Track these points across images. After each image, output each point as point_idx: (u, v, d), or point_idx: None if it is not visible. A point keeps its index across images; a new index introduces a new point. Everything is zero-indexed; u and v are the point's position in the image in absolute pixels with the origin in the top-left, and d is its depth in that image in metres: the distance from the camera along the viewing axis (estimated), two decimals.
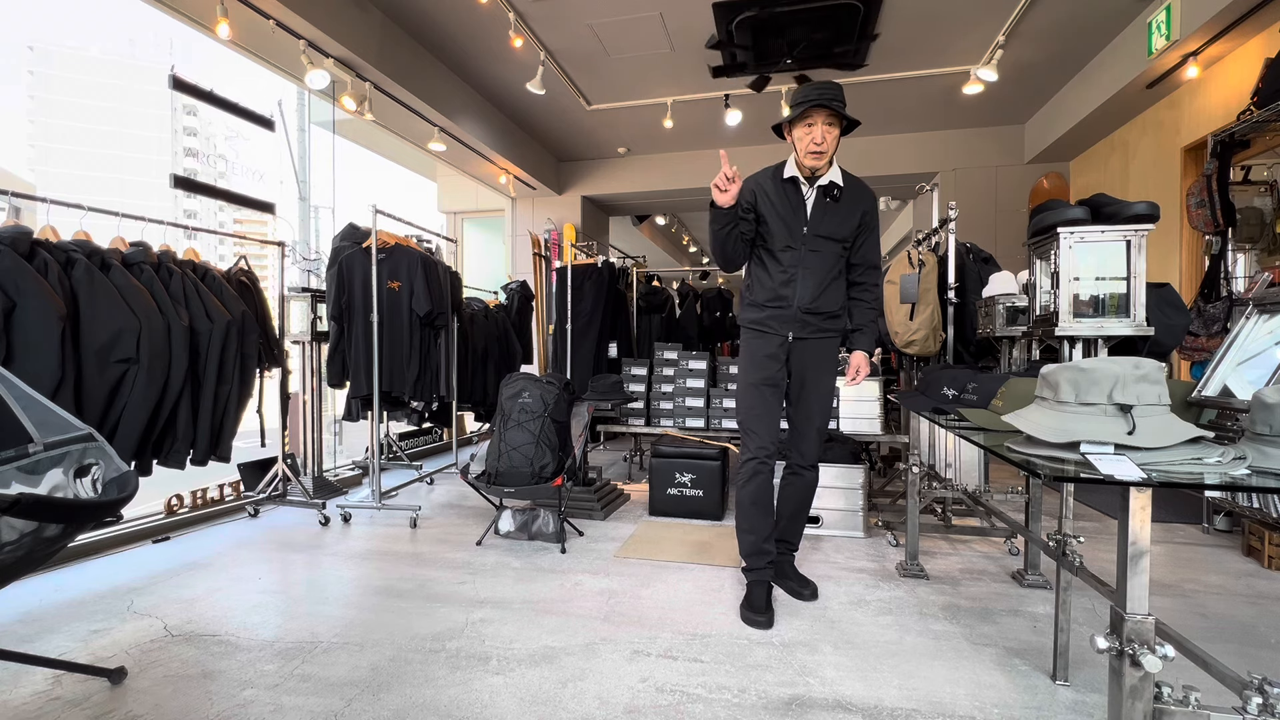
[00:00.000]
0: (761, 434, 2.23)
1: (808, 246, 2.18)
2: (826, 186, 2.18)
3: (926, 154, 6.18)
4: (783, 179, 2.22)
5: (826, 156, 2.14)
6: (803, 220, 2.18)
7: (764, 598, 2.17)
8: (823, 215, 2.18)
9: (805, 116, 2.11)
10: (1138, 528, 1.05)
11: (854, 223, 2.21)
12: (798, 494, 2.37)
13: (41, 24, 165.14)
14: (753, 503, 2.24)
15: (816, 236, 2.18)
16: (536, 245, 6.02)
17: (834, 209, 2.18)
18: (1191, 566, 2.65)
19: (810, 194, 2.20)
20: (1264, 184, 3.63)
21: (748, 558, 2.24)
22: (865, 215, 2.24)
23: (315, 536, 3.06)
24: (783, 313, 2.22)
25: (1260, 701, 1.01)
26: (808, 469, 2.35)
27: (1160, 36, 3.76)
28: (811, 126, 2.10)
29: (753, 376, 2.26)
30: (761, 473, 2.23)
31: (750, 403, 2.27)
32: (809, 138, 2.10)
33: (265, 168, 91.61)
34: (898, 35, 4.32)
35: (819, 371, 2.26)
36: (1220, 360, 1.52)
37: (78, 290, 2.37)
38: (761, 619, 2.09)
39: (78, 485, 1.68)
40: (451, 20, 4.14)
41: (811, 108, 2.08)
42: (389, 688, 1.68)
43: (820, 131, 2.09)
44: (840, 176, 2.21)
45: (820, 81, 2.12)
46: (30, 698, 1.63)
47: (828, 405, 2.31)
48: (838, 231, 2.19)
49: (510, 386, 3.13)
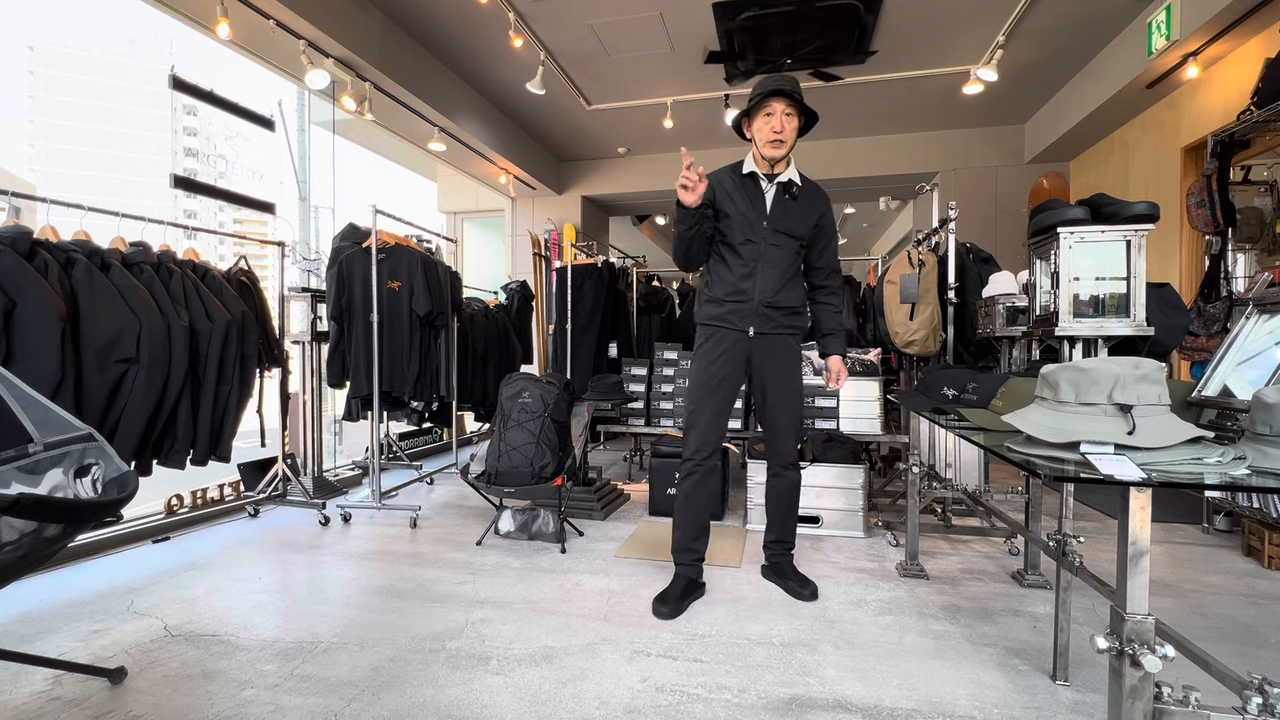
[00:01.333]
0: (702, 435, 2.23)
1: (768, 240, 2.18)
2: (785, 184, 2.20)
3: (926, 154, 6.17)
4: (742, 174, 2.23)
5: (787, 146, 2.15)
6: (763, 214, 2.19)
7: (677, 590, 2.22)
8: (782, 211, 2.20)
9: (763, 106, 2.13)
10: (1138, 528, 1.05)
11: (811, 222, 2.24)
12: (783, 496, 2.39)
13: (41, 24, 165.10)
14: (684, 501, 2.27)
15: (776, 231, 2.19)
16: (536, 245, 6.02)
17: (793, 206, 2.20)
18: (1191, 566, 2.65)
19: (770, 189, 2.22)
20: (1264, 184, 3.63)
21: (674, 553, 2.31)
22: (822, 218, 2.27)
23: (315, 536, 3.06)
24: (743, 307, 2.21)
25: (1260, 701, 1.01)
26: (787, 469, 2.36)
27: (1160, 36, 3.76)
28: (770, 116, 2.12)
29: (706, 374, 2.25)
30: (696, 473, 2.24)
31: (697, 402, 2.25)
32: (769, 127, 2.12)
33: (265, 168, 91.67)
34: (898, 35, 4.32)
35: (782, 367, 2.26)
36: (1220, 360, 1.52)
37: (78, 290, 2.37)
38: (665, 609, 2.13)
39: (78, 485, 1.68)
40: (451, 20, 4.14)
41: (769, 97, 2.11)
42: (389, 688, 1.68)
43: (780, 120, 2.11)
44: (798, 176, 2.23)
45: (777, 74, 2.17)
46: (30, 698, 1.63)
47: (796, 402, 2.32)
48: (796, 228, 2.21)
49: (510, 386, 3.13)
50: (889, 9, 3.98)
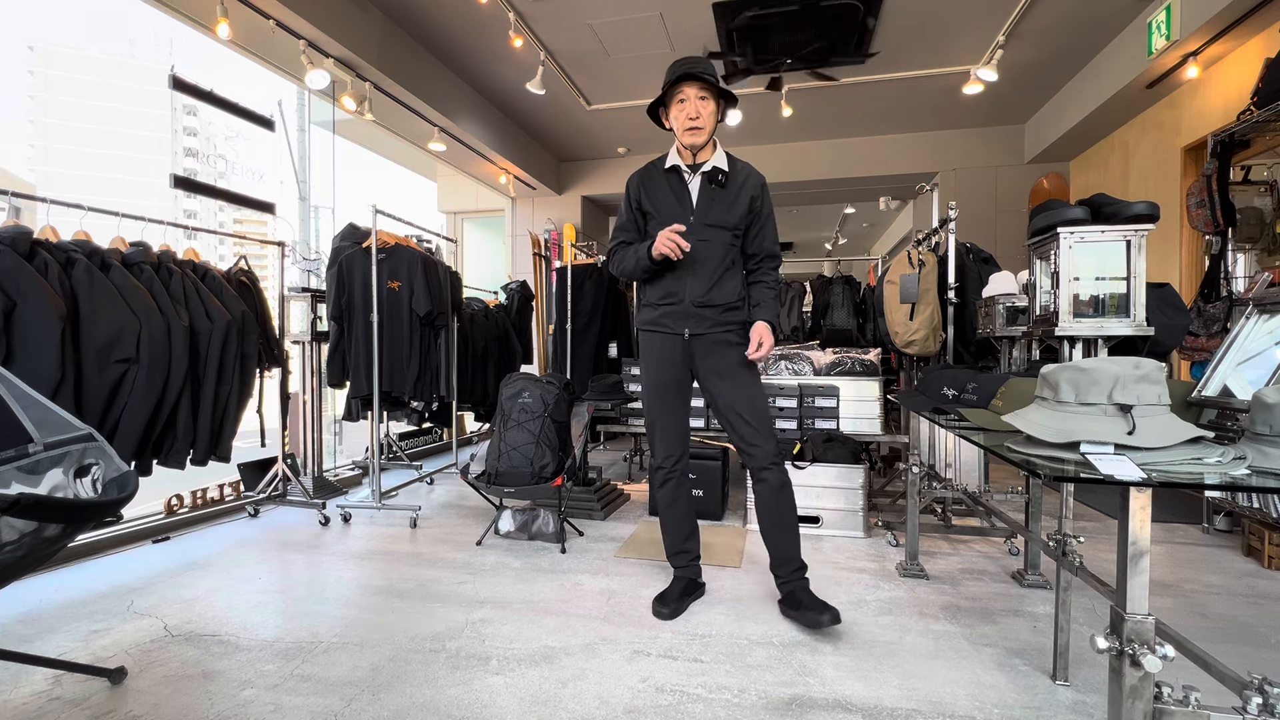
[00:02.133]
0: (665, 440, 2.19)
1: (696, 236, 2.05)
2: (710, 173, 2.09)
3: (926, 154, 6.17)
4: (664, 169, 2.14)
5: (705, 132, 2.04)
6: (689, 209, 2.09)
7: (676, 591, 2.21)
8: (710, 203, 2.08)
9: (675, 93, 2.03)
10: (1138, 528, 1.05)
11: (742, 208, 2.09)
12: (768, 504, 2.12)
13: (41, 24, 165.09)
14: (665, 509, 2.27)
15: (705, 225, 2.07)
16: (536, 245, 6.02)
17: (721, 195, 2.08)
18: (1191, 566, 2.65)
19: (694, 181, 2.11)
20: (1264, 184, 3.63)
21: (668, 557, 2.30)
22: (754, 200, 2.11)
23: (315, 536, 3.06)
24: (675, 309, 2.11)
25: (1260, 701, 1.01)
26: (767, 469, 2.10)
27: (1160, 36, 3.76)
28: (684, 102, 2.02)
29: (652, 378, 2.19)
30: (671, 479, 2.22)
31: (650, 408, 2.21)
32: (683, 114, 2.02)
33: (265, 168, 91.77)
34: (898, 35, 4.32)
35: (724, 362, 2.12)
36: (1220, 360, 1.52)
37: (78, 290, 2.37)
38: (664, 610, 2.13)
39: (78, 485, 1.68)
40: (451, 20, 4.14)
41: (679, 83, 2.00)
42: (389, 688, 1.68)
43: (694, 105, 2.01)
44: (725, 161, 2.11)
45: (686, 57, 2.06)
46: (30, 698, 1.63)
47: (750, 396, 2.12)
48: (726, 219, 2.08)
49: (510, 386, 3.13)
50: (889, 9, 3.98)
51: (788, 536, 2.13)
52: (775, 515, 2.13)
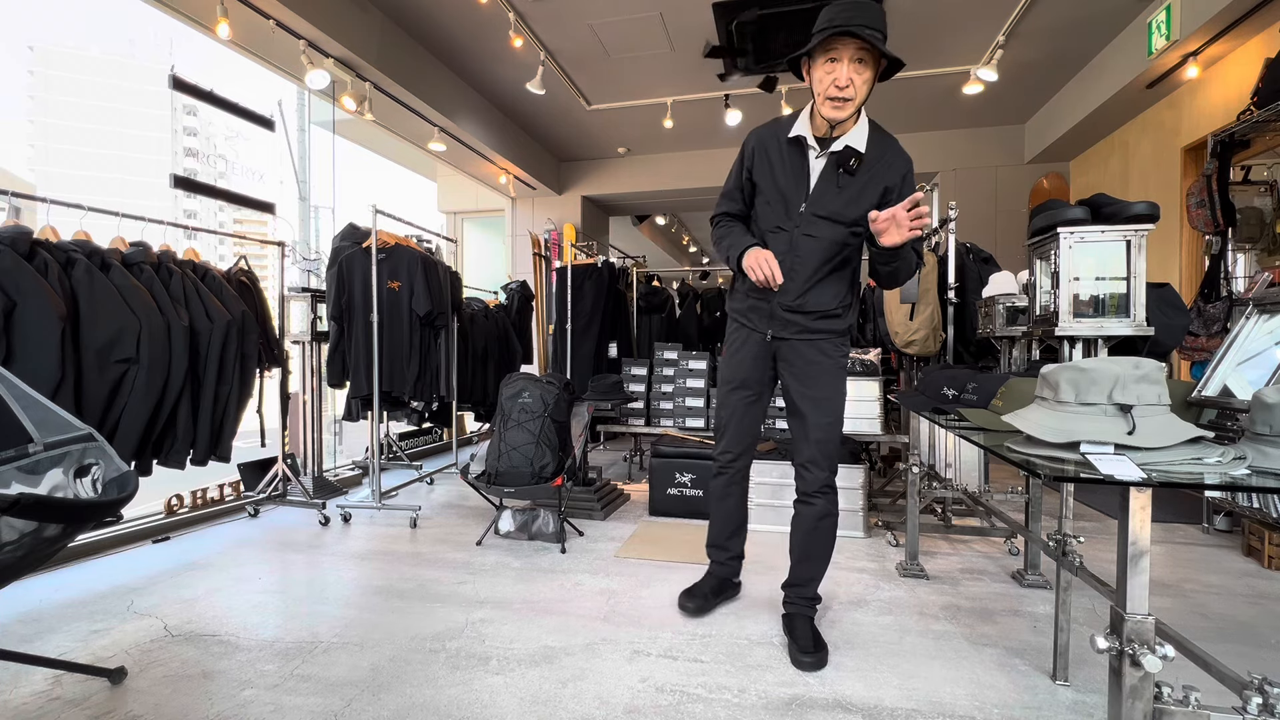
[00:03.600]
0: (727, 438, 2.05)
1: (801, 229, 1.75)
2: (841, 153, 1.70)
3: (926, 154, 6.17)
4: (788, 138, 1.77)
5: (853, 105, 1.65)
6: (803, 195, 1.75)
7: (706, 587, 2.17)
8: (830, 190, 1.74)
9: (827, 48, 1.62)
10: (1138, 528, 1.05)
11: (870, 200, 1.72)
12: (803, 531, 1.93)
13: (41, 24, 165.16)
14: (714, 501, 2.17)
15: (815, 217, 1.74)
16: (536, 245, 6.02)
17: (848, 183, 1.72)
18: (1191, 566, 2.65)
19: (819, 161, 1.75)
20: (1264, 184, 3.63)
21: (707, 548, 2.23)
22: (889, 193, 1.73)
23: (315, 536, 3.06)
24: (762, 306, 1.87)
25: (1260, 701, 1.01)
26: (815, 495, 1.90)
27: (1160, 36, 3.76)
28: (835, 63, 1.62)
29: (726, 374, 2.01)
30: (724, 475, 2.10)
31: (720, 402, 2.06)
32: (830, 79, 1.62)
33: (265, 168, 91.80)
34: (898, 35, 4.31)
35: (805, 377, 1.87)
36: (1220, 360, 1.52)
37: (78, 290, 2.37)
38: (690, 604, 2.12)
39: (78, 485, 1.68)
40: (451, 20, 4.14)
41: (835, 35, 1.57)
42: (389, 688, 1.68)
43: (845, 71, 1.61)
44: (864, 140, 1.72)
45: (849, 1, 1.60)
46: (30, 698, 1.63)
47: (823, 419, 1.86)
48: (846, 212, 1.73)
49: (510, 386, 3.13)
50: (889, 9, 3.98)
51: (812, 568, 1.95)
52: (805, 544, 1.94)
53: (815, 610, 1.98)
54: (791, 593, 1.98)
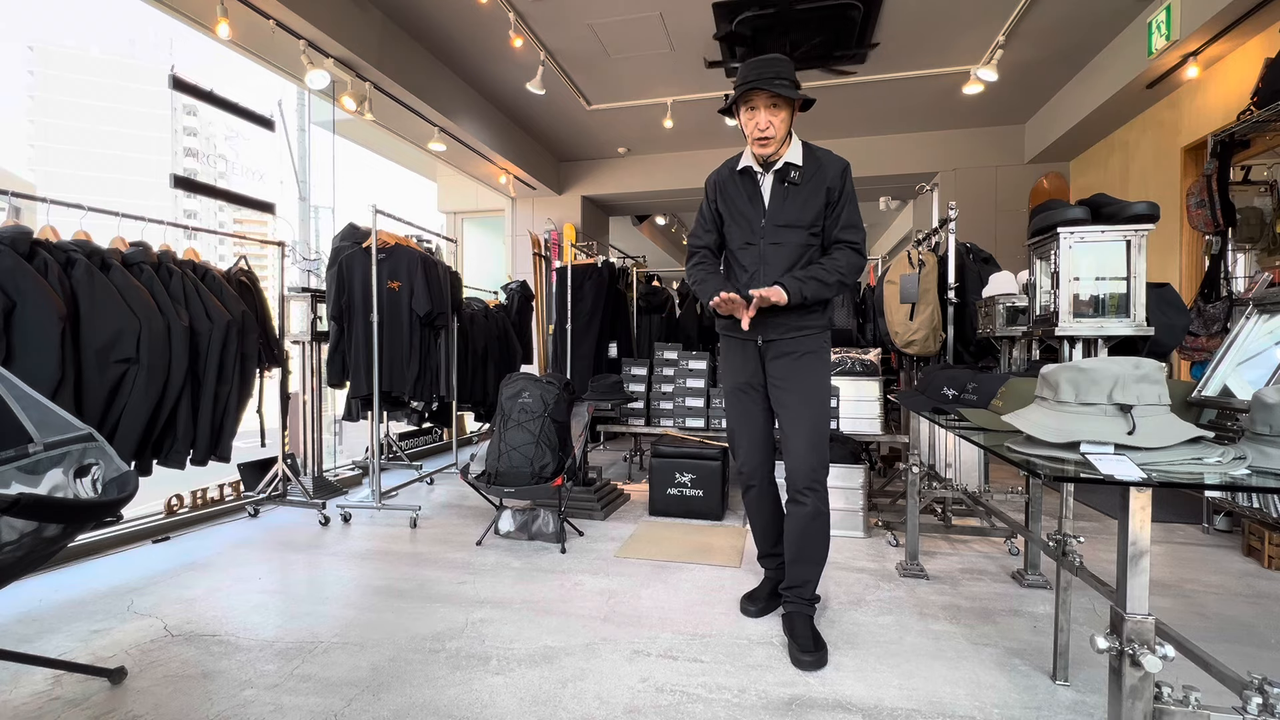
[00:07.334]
0: (742, 449, 2.14)
1: (767, 240, 1.99)
2: (782, 169, 1.98)
3: (926, 154, 6.18)
4: (738, 170, 2.06)
5: (775, 142, 1.94)
6: (761, 211, 2.01)
7: (764, 591, 2.21)
8: (782, 203, 1.98)
9: (746, 100, 1.93)
10: (1138, 528, 1.05)
11: (818, 204, 1.96)
12: (795, 531, 1.99)
13: (41, 24, 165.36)
14: (751, 514, 2.24)
15: (777, 227, 1.98)
16: (536, 245, 6.02)
17: (794, 194, 1.97)
18: (1191, 566, 2.65)
19: (766, 181, 2.01)
20: (1264, 184, 3.63)
21: (759, 559, 2.28)
22: (831, 192, 1.97)
23: (315, 536, 3.06)
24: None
25: (1260, 701, 1.01)
26: (803, 494, 1.96)
27: (1160, 36, 3.76)
28: (754, 111, 1.92)
29: (729, 384, 2.15)
30: (751, 488, 2.17)
31: (730, 413, 2.17)
32: (753, 124, 1.93)
33: (265, 168, 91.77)
34: (898, 35, 4.32)
35: (791, 373, 2.00)
36: (1220, 360, 1.52)
37: (78, 290, 2.37)
38: (752, 608, 2.18)
39: (78, 485, 1.68)
40: (451, 20, 4.14)
41: (750, 90, 1.89)
42: (389, 688, 1.68)
43: (763, 117, 1.90)
44: (800, 155, 1.99)
45: (761, 58, 1.92)
46: (30, 698, 1.63)
47: (812, 413, 1.97)
48: (800, 218, 1.97)
49: (510, 386, 3.13)
50: (889, 9, 3.98)
51: (806, 570, 2.00)
52: (798, 545, 1.99)
53: (814, 609, 2.02)
54: (789, 594, 2.02)
